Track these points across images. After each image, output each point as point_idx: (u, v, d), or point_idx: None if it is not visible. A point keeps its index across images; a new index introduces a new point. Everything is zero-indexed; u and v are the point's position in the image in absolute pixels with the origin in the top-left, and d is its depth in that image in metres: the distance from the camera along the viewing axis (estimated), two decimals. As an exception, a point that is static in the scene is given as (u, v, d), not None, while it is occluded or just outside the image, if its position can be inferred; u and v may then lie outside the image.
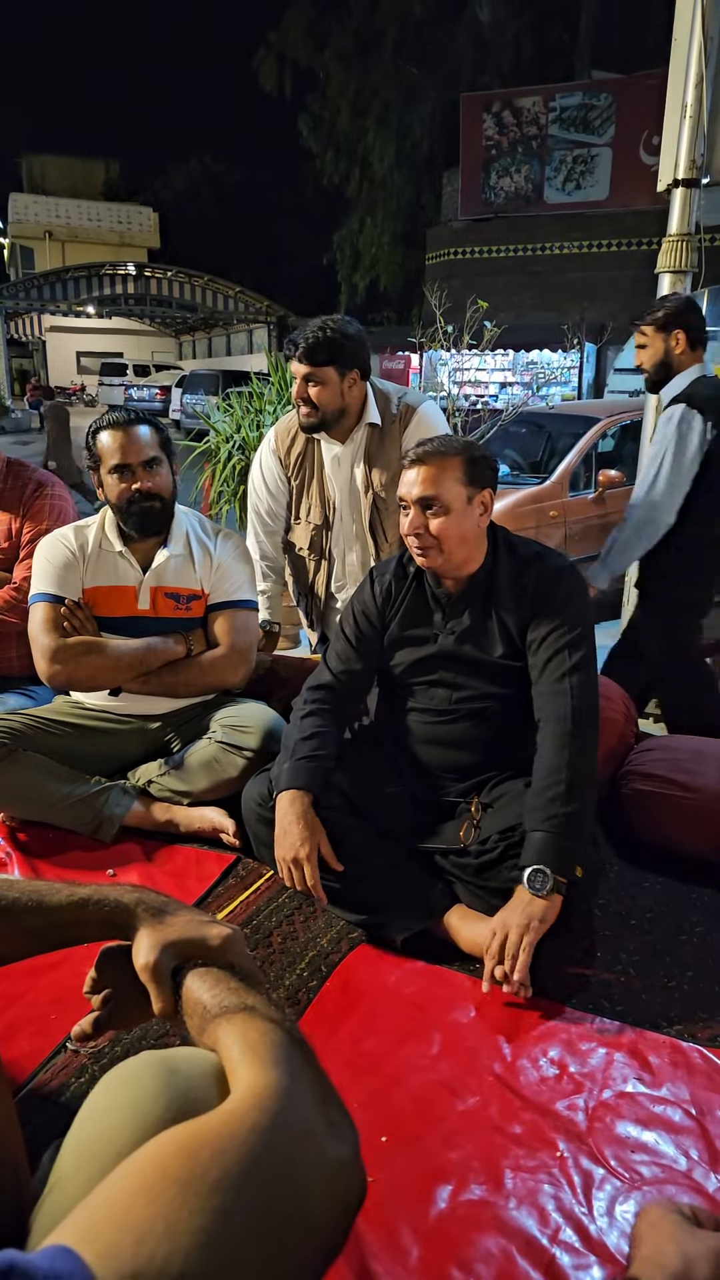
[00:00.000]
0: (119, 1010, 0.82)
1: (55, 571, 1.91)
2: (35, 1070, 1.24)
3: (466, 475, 1.55)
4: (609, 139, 12.57)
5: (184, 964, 0.76)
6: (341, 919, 1.58)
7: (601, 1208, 1.04)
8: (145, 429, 1.87)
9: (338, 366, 2.01)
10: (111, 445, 1.85)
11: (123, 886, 0.81)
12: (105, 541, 1.94)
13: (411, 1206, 1.04)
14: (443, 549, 1.56)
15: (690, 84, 2.50)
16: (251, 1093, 0.57)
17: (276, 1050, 0.61)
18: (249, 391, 4.98)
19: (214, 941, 0.77)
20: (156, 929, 0.77)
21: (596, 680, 1.55)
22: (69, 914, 0.79)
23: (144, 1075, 0.65)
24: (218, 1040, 0.66)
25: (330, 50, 18.25)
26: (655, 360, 2.32)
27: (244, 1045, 0.62)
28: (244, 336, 26.12)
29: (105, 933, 0.80)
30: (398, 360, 13.78)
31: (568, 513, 4.71)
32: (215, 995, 0.70)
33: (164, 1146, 0.52)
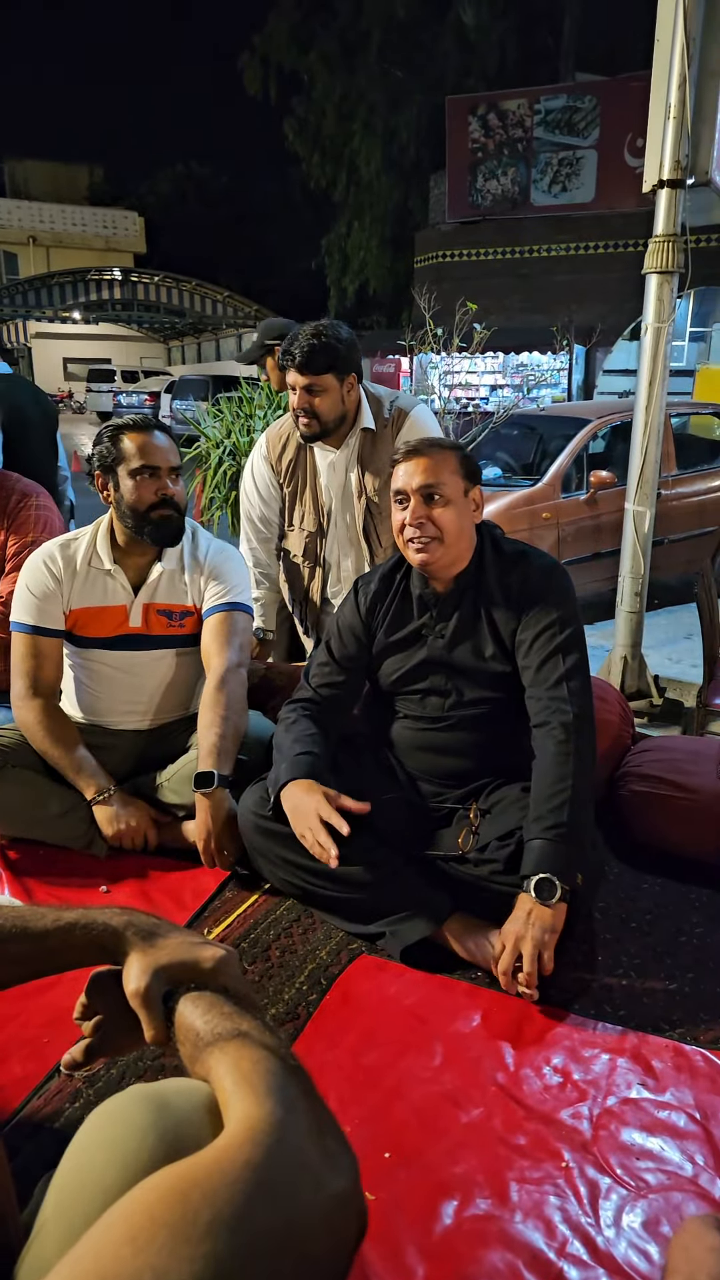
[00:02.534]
0: (111, 1037, 0.79)
1: (34, 602, 1.85)
2: (28, 1096, 1.21)
3: (462, 469, 1.55)
4: (594, 141, 12.62)
5: (176, 988, 0.73)
6: (340, 930, 1.57)
7: (609, 1218, 1.03)
8: (166, 437, 1.84)
9: (336, 373, 2.00)
10: (140, 446, 1.79)
11: (111, 909, 0.78)
12: (95, 559, 1.87)
13: (415, 1224, 1.02)
14: (444, 540, 1.54)
15: (674, 85, 2.50)
16: (244, 1126, 0.55)
17: (270, 1079, 0.59)
18: (239, 397, 4.97)
19: (206, 964, 0.75)
20: (147, 953, 0.75)
21: (590, 684, 1.54)
22: (55, 939, 0.76)
23: (132, 1111, 0.62)
24: (210, 1070, 0.64)
25: (315, 54, 18.27)
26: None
27: (237, 1075, 0.60)
28: (233, 341, 26.11)
29: (94, 957, 0.78)
30: (388, 364, 13.78)
31: (560, 514, 4.71)
32: (208, 1021, 0.68)
33: (152, 1190, 0.50)
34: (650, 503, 3.01)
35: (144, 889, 1.72)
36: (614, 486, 4.60)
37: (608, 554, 4.46)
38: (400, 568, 1.70)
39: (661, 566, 4.21)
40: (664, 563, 4.43)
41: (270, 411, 4.76)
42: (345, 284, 20.60)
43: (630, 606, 3.16)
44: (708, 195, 2.77)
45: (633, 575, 3.12)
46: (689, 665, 4.19)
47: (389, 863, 1.56)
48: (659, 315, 2.79)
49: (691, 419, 6.08)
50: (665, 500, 3.91)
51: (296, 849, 1.58)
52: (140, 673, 1.92)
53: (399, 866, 1.57)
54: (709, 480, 5.39)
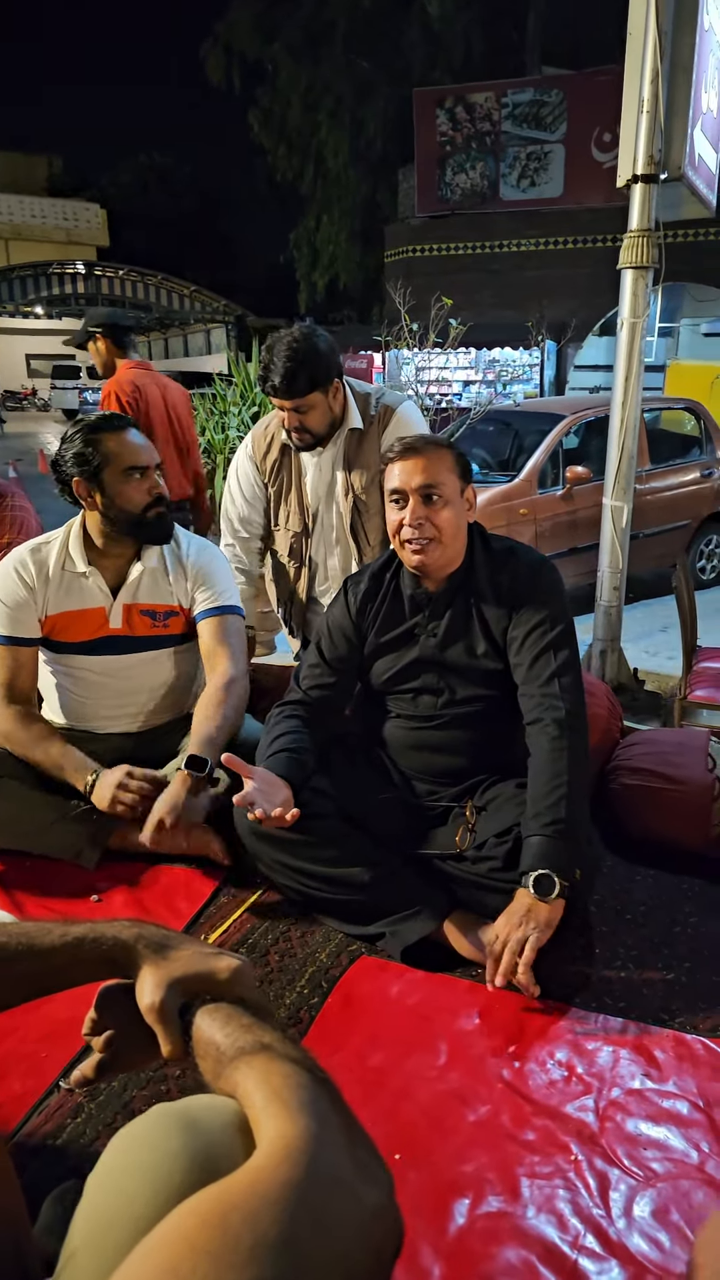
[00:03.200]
0: (123, 1053, 0.78)
1: (6, 611, 1.80)
2: (28, 1113, 1.19)
3: (458, 468, 1.55)
4: (561, 136, 12.66)
5: (191, 1001, 0.72)
6: (340, 932, 1.57)
7: (619, 1209, 1.04)
8: (139, 433, 1.81)
9: (321, 388, 1.98)
10: (126, 447, 1.75)
11: (120, 922, 0.77)
12: (68, 562, 1.82)
13: (430, 1224, 1.03)
14: (442, 541, 1.54)
15: (646, 80, 2.52)
16: (280, 1144, 0.53)
17: (301, 1094, 0.58)
18: (212, 393, 4.93)
19: (222, 975, 0.73)
20: (160, 966, 0.73)
21: (581, 679, 1.55)
22: (64, 956, 0.74)
23: (160, 1133, 0.61)
24: (237, 1085, 0.62)
25: (279, 43, 18.06)
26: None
27: (267, 1091, 0.59)
28: (202, 337, 25.85)
29: (104, 972, 0.76)
30: (360, 359, 13.75)
31: (537, 510, 4.75)
32: (229, 1034, 0.67)
33: (190, 1216, 0.48)
34: (628, 498, 3.05)
35: (137, 897, 1.69)
36: (589, 482, 4.64)
37: (585, 549, 4.50)
38: (390, 566, 1.69)
39: (636, 561, 4.26)
40: (638, 557, 4.47)
41: (245, 408, 4.73)
42: (315, 278, 20.47)
43: (609, 600, 3.19)
44: (677, 191, 2.80)
45: (611, 569, 3.15)
46: (665, 658, 4.25)
47: (387, 863, 1.56)
48: (634, 310, 2.82)
49: (663, 414, 6.15)
50: (639, 495, 3.95)
51: (293, 852, 1.57)
52: (127, 675, 1.89)
53: (397, 866, 1.57)
54: (681, 475, 5.48)
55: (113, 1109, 1.19)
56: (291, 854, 1.57)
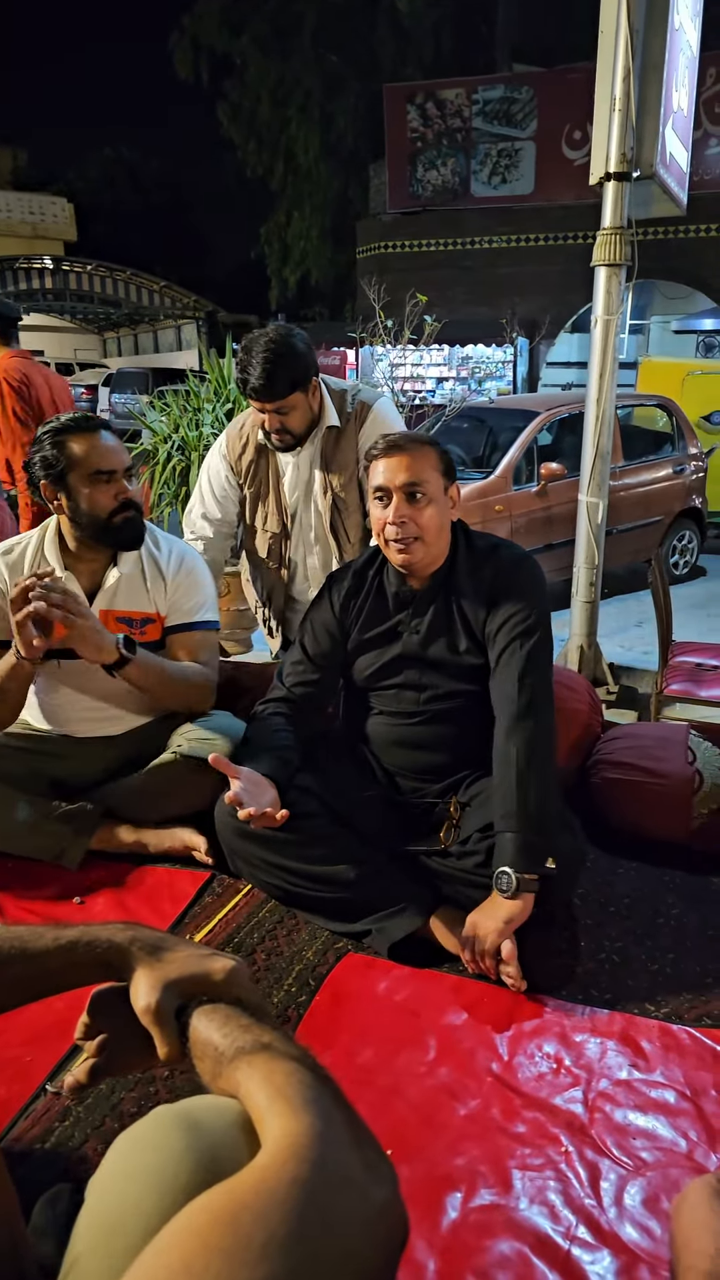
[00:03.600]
0: (117, 1056, 0.77)
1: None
2: (15, 1118, 1.18)
3: (441, 466, 1.55)
4: (531, 133, 12.70)
5: (187, 1003, 0.72)
6: (325, 930, 1.56)
7: (610, 1198, 1.05)
8: (111, 434, 1.75)
9: (301, 388, 1.97)
10: (92, 450, 1.69)
11: (114, 925, 0.76)
12: (43, 564, 1.78)
13: (424, 1219, 1.03)
14: (425, 539, 1.54)
15: (618, 78, 2.54)
16: (286, 1142, 0.53)
17: (305, 1092, 0.58)
18: (186, 390, 4.88)
19: (218, 976, 0.73)
20: (155, 968, 0.72)
21: (549, 668, 1.55)
22: (57, 959, 0.73)
23: (163, 1135, 0.60)
24: (238, 1085, 0.62)
25: (247, 37, 17.93)
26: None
27: (270, 1089, 0.59)
28: (172, 333, 25.58)
29: (98, 976, 0.75)
30: (333, 356, 13.71)
31: (512, 507, 4.78)
32: (227, 1035, 0.66)
33: (200, 1215, 0.48)
34: (603, 494, 3.07)
35: (119, 898, 1.68)
36: (564, 478, 4.68)
37: (560, 545, 4.54)
38: (373, 563, 1.69)
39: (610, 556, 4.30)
40: (612, 552, 4.52)
41: (219, 404, 4.69)
42: (286, 274, 20.37)
43: (585, 596, 3.22)
44: (648, 189, 2.83)
45: (587, 565, 3.18)
46: (640, 652, 4.31)
47: (372, 860, 1.57)
48: (608, 307, 2.84)
49: (635, 411, 6.22)
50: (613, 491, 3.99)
51: (277, 850, 1.57)
52: (104, 681, 1.84)
53: (382, 863, 1.57)
54: (654, 471, 5.54)
55: (101, 1112, 1.18)
56: (277, 852, 1.57)
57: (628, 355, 12.73)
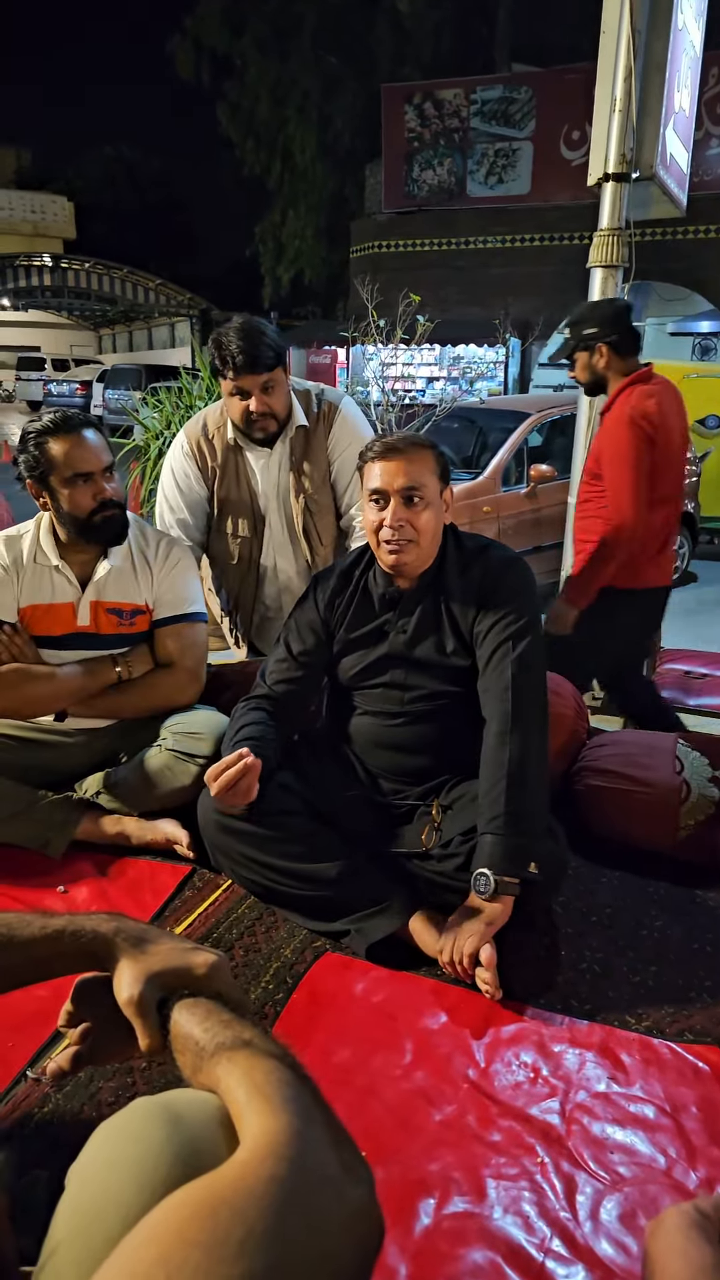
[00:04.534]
0: (100, 1045, 0.77)
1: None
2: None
3: (438, 469, 1.54)
4: (529, 133, 12.72)
5: (169, 995, 0.72)
6: (304, 928, 1.55)
7: (585, 1212, 1.03)
8: (94, 433, 1.77)
9: (282, 365, 1.97)
10: (70, 453, 1.71)
11: (99, 915, 0.77)
12: (40, 555, 1.82)
13: (396, 1223, 1.02)
14: (420, 543, 1.53)
15: (619, 78, 2.52)
16: (265, 1140, 0.54)
17: (285, 1090, 0.58)
18: (178, 387, 4.87)
19: (200, 970, 0.73)
20: (138, 960, 0.73)
21: (543, 673, 1.54)
22: (43, 948, 0.74)
23: (145, 1127, 0.61)
24: (218, 1081, 0.62)
25: (247, 37, 17.95)
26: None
27: (249, 1087, 0.59)
28: (166, 330, 25.56)
29: (83, 965, 0.76)
30: (324, 355, 13.72)
31: (500, 508, 4.76)
32: (208, 1029, 0.67)
33: (179, 1209, 0.49)
34: (594, 496, 3.05)
35: (102, 888, 1.68)
36: (554, 480, 4.66)
37: (548, 547, 4.52)
38: (359, 564, 1.68)
39: (601, 558, 4.31)
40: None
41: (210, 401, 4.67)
42: (280, 273, 20.38)
43: (575, 598, 3.20)
44: (647, 190, 2.81)
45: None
46: (629, 655, 4.29)
47: (353, 859, 1.55)
48: (603, 310, 2.82)
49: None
50: (605, 493, 3.99)
51: (259, 846, 1.56)
52: None
53: (362, 864, 1.55)
54: (645, 473, 5.50)
55: (79, 1100, 1.18)
56: (258, 848, 1.56)
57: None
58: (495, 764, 1.43)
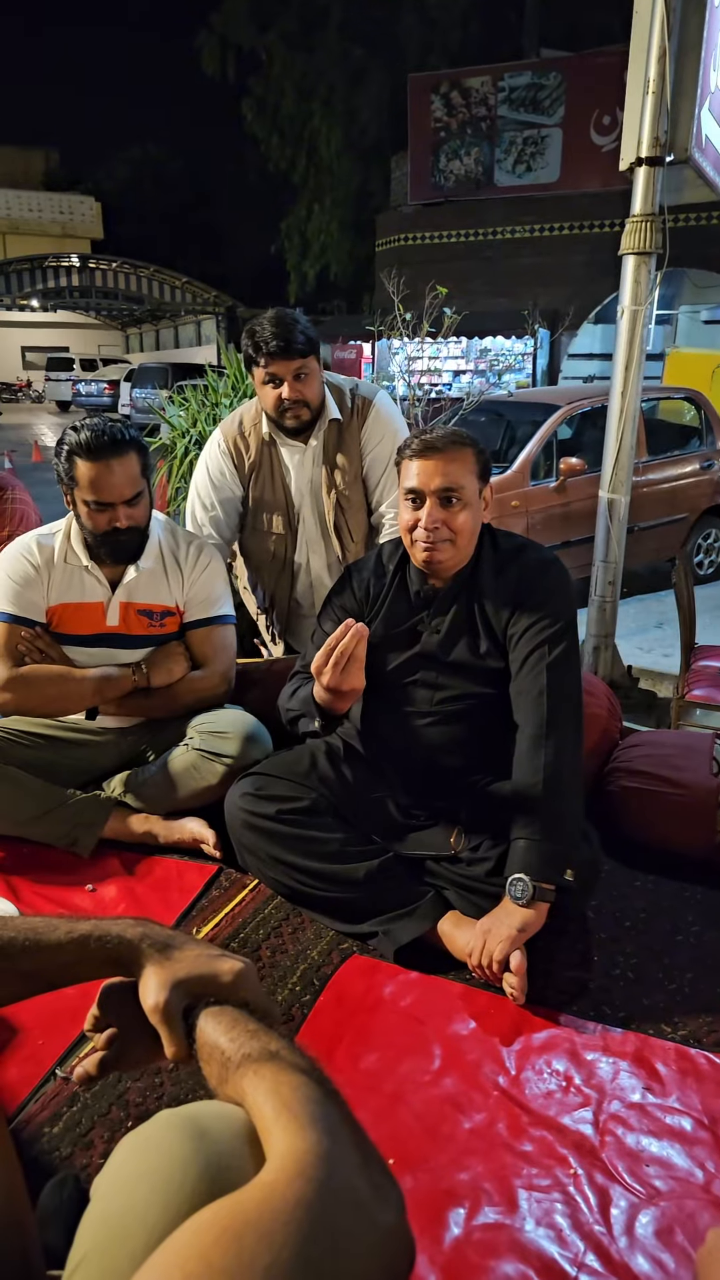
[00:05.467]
0: (125, 1051, 0.77)
1: (15, 590, 1.80)
2: (24, 1100, 1.19)
3: (478, 468, 1.50)
4: (559, 119, 12.47)
5: (195, 1003, 0.71)
6: (332, 930, 1.53)
7: (620, 1227, 1.01)
8: (131, 457, 1.71)
9: (316, 354, 1.95)
10: (94, 481, 1.69)
11: (125, 921, 0.76)
12: (71, 555, 1.83)
13: (425, 1232, 1.00)
14: (456, 544, 1.49)
15: (653, 59, 2.45)
16: (292, 1160, 0.52)
17: (312, 1107, 0.57)
18: (204, 385, 4.87)
19: (226, 978, 0.72)
20: (164, 966, 0.72)
21: (578, 676, 1.51)
22: (69, 953, 0.74)
23: (170, 1140, 0.59)
24: (244, 1094, 0.61)
25: (274, 32, 17.92)
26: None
27: (277, 1102, 0.57)
28: (192, 328, 25.69)
29: (109, 971, 0.75)
30: (350, 349, 13.65)
31: (529, 502, 4.69)
32: (234, 1039, 0.65)
33: (204, 1232, 0.47)
34: (625, 490, 2.99)
35: (130, 887, 1.68)
36: (584, 474, 4.58)
37: (578, 542, 4.45)
38: (394, 558, 1.65)
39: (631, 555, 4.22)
40: (634, 550, 4.43)
41: (236, 400, 4.66)
42: (305, 268, 20.34)
43: (604, 595, 3.15)
44: (681, 173, 2.74)
45: (607, 563, 3.11)
46: (660, 655, 4.21)
47: (382, 861, 1.53)
48: (635, 297, 2.77)
49: (661, 404, 6.09)
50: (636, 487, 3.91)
51: (287, 847, 1.55)
52: None
53: (391, 865, 1.54)
54: (680, 466, 5.42)
55: (108, 1100, 1.19)
56: (285, 848, 1.55)
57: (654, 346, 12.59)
58: (531, 768, 1.40)
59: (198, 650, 1.91)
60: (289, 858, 1.55)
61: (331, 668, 1.38)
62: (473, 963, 1.35)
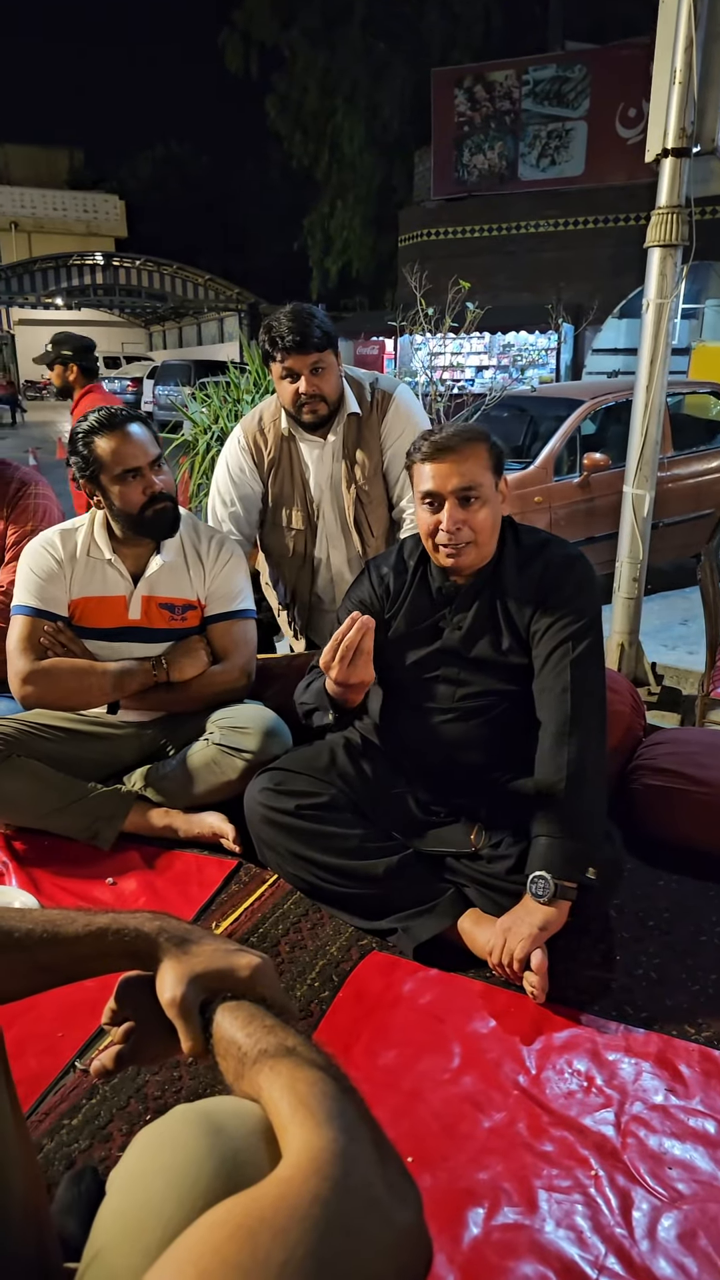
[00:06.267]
0: (142, 1045, 0.76)
1: (38, 584, 1.82)
2: (44, 1092, 1.19)
3: (493, 462, 1.48)
4: (584, 112, 12.36)
5: (212, 997, 0.71)
6: (351, 926, 1.53)
7: (642, 1230, 0.99)
8: (140, 426, 1.77)
9: (333, 348, 1.95)
10: (118, 449, 1.72)
11: (143, 914, 0.76)
12: (94, 548, 1.84)
13: (444, 1231, 1.00)
14: (479, 543, 1.48)
15: (679, 49, 2.41)
16: (308, 1157, 0.52)
17: (329, 1104, 0.56)
18: (226, 381, 4.88)
19: (243, 973, 0.72)
20: (181, 960, 0.72)
21: (602, 673, 1.49)
22: (87, 945, 0.74)
23: (186, 1136, 0.59)
24: (260, 1090, 0.61)
25: (297, 28, 17.91)
26: None
27: (293, 1099, 0.57)
28: (215, 325, 25.77)
29: (126, 964, 0.75)
30: (372, 345, 13.64)
31: (552, 498, 4.65)
32: (251, 1035, 0.65)
33: (219, 1228, 0.47)
34: (650, 485, 2.96)
35: (150, 880, 1.69)
36: (608, 469, 4.54)
37: (602, 538, 4.41)
38: (415, 554, 1.64)
39: (656, 550, 4.17)
40: (659, 547, 4.38)
41: (257, 396, 4.67)
42: (328, 265, 20.33)
43: (628, 592, 3.11)
44: (708, 164, 2.69)
45: (631, 560, 3.07)
46: (685, 652, 4.16)
47: (402, 858, 1.53)
48: (661, 290, 2.73)
49: (687, 398, 6.01)
50: (661, 482, 3.86)
51: (306, 842, 1.55)
52: None
53: (410, 862, 1.53)
54: (706, 462, 5.34)
55: (127, 1093, 1.19)
56: (304, 844, 1.55)
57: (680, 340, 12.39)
58: (554, 766, 1.39)
59: (218, 644, 1.92)
60: (308, 853, 1.55)
61: (339, 662, 1.38)
62: (493, 961, 1.35)
